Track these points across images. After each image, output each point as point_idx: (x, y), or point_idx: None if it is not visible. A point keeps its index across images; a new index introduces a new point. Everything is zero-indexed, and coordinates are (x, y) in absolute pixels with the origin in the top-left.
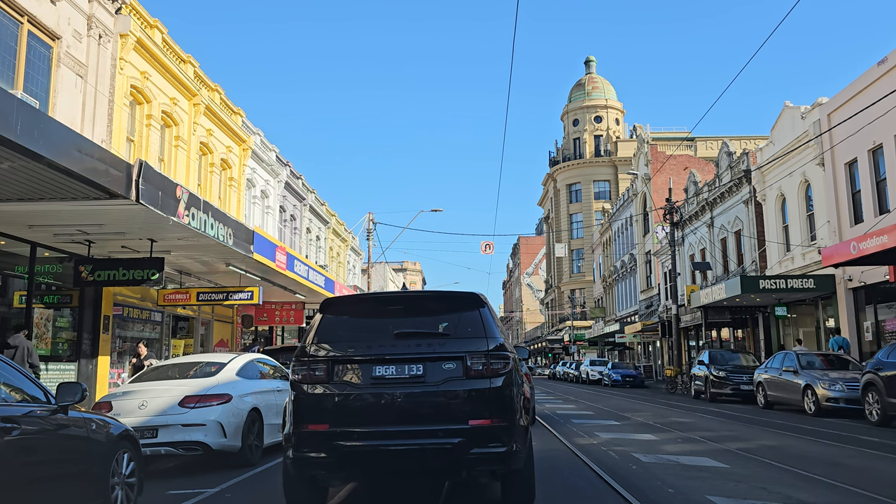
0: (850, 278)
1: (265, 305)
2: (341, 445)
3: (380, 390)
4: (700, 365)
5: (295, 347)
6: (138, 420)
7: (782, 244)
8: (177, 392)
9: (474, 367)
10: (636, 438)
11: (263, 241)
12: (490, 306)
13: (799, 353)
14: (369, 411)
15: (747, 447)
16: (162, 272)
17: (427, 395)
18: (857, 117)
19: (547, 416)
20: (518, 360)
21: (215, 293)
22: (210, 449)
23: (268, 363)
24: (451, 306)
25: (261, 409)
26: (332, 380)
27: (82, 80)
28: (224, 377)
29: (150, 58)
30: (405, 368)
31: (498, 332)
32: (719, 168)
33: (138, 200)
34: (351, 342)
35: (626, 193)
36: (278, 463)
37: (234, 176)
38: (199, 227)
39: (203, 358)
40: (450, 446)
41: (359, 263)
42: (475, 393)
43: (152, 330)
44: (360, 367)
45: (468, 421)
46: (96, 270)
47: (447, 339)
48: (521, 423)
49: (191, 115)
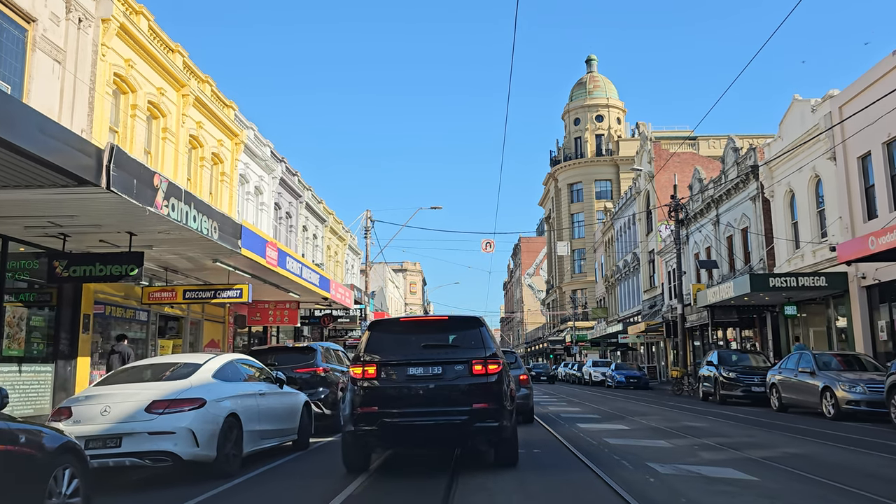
0: (863, 276)
1: (258, 305)
2: (385, 421)
3: (412, 384)
4: (708, 366)
5: (285, 347)
6: (100, 428)
7: (791, 241)
8: (144, 396)
9: (476, 368)
10: (649, 445)
11: (252, 236)
12: (487, 325)
13: (815, 353)
14: (404, 398)
15: (772, 456)
16: (141, 268)
17: (444, 387)
18: (871, 109)
19: (550, 419)
20: (507, 363)
21: (202, 291)
22: (180, 460)
23: (252, 364)
24: (459, 326)
25: (240, 414)
26: (380, 377)
27: (60, 67)
28: (198, 379)
29: (134, 45)
30: (429, 369)
31: (492, 344)
32: (725, 164)
33: (109, 188)
34: (391, 351)
35: (628, 192)
36: (260, 474)
37: (226, 171)
38: (179, 219)
39: (178, 358)
40: (459, 422)
41: (357, 263)
42: (476, 386)
43: (138, 330)
44: (398, 368)
45: (472, 405)
46: (71, 266)
47: (457, 348)
48: (508, 407)
49: (179, 107)
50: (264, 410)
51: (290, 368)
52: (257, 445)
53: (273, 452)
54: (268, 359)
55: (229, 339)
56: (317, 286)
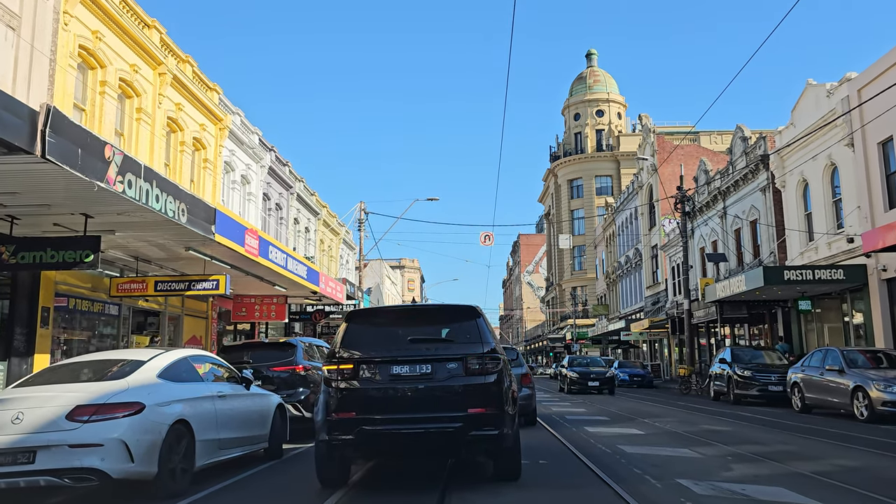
0: (884, 268)
1: (243, 300)
2: (365, 429)
3: (396, 385)
4: (721, 363)
5: (261, 343)
6: (9, 439)
7: (804, 233)
8: (65, 400)
9: (472, 366)
10: (673, 455)
11: (229, 223)
12: (485, 316)
13: (843, 350)
14: (388, 402)
15: (824, 470)
16: (97, 254)
17: (434, 389)
18: (892, 91)
19: (555, 421)
20: (507, 360)
21: (176, 282)
22: (109, 478)
23: (211, 361)
24: (452, 317)
25: (191, 420)
26: (359, 376)
27: (14, 34)
28: (139, 380)
29: (103, 16)
30: (417, 368)
31: (491, 338)
32: (733, 154)
33: (45, 156)
34: (372, 346)
35: (630, 185)
36: (217, 491)
37: (209, 157)
38: (137, 198)
39: (121, 355)
40: (452, 430)
41: (353, 258)
42: (472, 387)
43: (108, 325)
44: (380, 367)
45: (467, 409)
46: (20, 252)
47: (450, 343)
48: (509, 412)
49: (156, 86)
50: (225, 415)
51: (266, 366)
52: (214, 457)
53: (240, 463)
54: (242, 356)
55: (213, 335)
56: (304, 279)
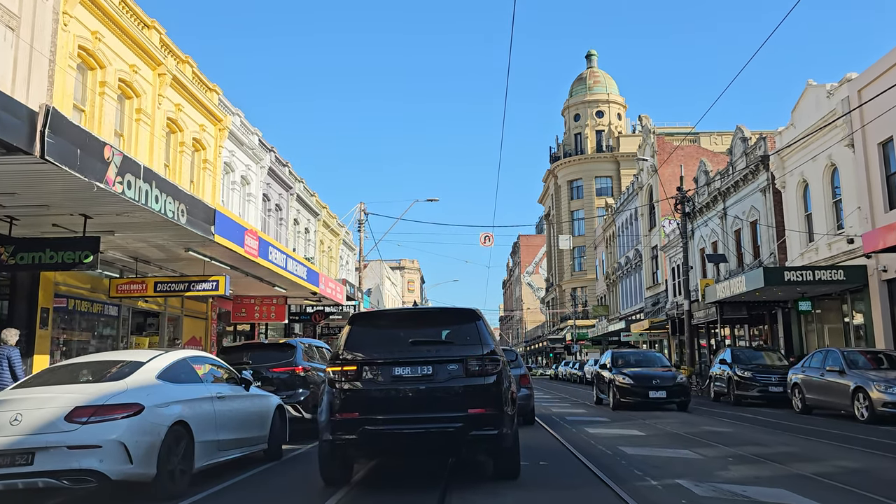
0: (884, 269)
1: (243, 300)
2: (368, 429)
3: (398, 386)
4: (721, 364)
5: (260, 344)
6: (8, 441)
7: (805, 234)
8: (64, 401)
9: (472, 367)
10: (674, 456)
11: (229, 223)
12: (484, 319)
13: (844, 351)
14: (390, 403)
15: (826, 471)
16: (96, 254)
17: (435, 390)
18: (892, 92)
19: (554, 422)
20: (507, 361)
21: (175, 283)
22: (108, 480)
23: (211, 363)
24: (453, 319)
25: (190, 422)
26: (362, 378)
27: (13, 34)
28: (138, 381)
29: (102, 16)
30: (418, 369)
31: (490, 340)
32: (733, 155)
33: (44, 157)
34: (375, 348)
35: (630, 186)
36: (217, 492)
37: (208, 158)
38: (137, 199)
39: (120, 356)
40: (452, 429)
41: (353, 259)
42: (473, 388)
43: (108, 326)
44: (383, 368)
45: (467, 410)
46: (18, 252)
47: (451, 345)
48: (508, 412)
49: (155, 87)
50: (224, 417)
51: (265, 367)
52: (214, 458)
53: (239, 464)
54: (242, 357)
55: (213, 336)
56: (304, 279)
